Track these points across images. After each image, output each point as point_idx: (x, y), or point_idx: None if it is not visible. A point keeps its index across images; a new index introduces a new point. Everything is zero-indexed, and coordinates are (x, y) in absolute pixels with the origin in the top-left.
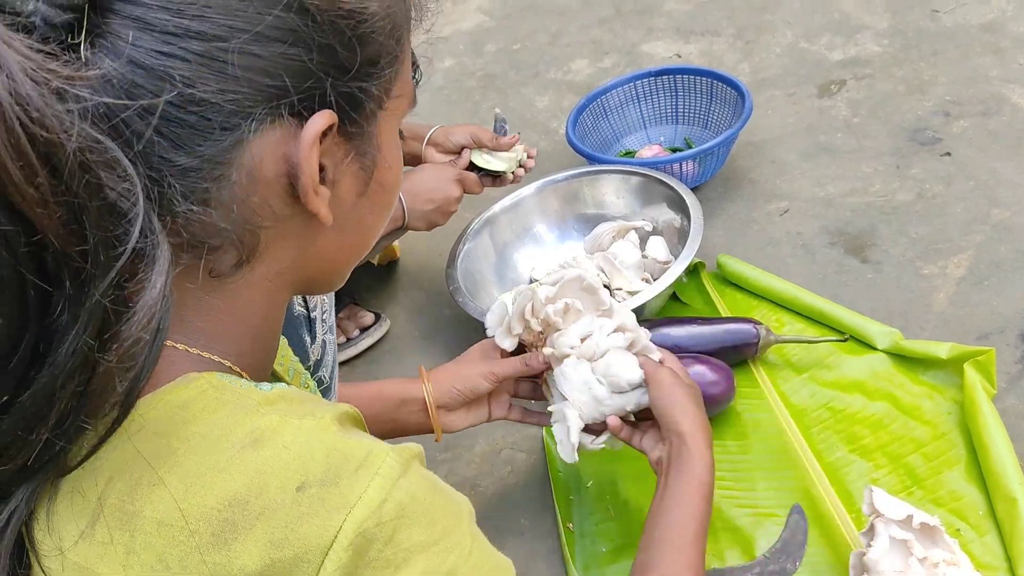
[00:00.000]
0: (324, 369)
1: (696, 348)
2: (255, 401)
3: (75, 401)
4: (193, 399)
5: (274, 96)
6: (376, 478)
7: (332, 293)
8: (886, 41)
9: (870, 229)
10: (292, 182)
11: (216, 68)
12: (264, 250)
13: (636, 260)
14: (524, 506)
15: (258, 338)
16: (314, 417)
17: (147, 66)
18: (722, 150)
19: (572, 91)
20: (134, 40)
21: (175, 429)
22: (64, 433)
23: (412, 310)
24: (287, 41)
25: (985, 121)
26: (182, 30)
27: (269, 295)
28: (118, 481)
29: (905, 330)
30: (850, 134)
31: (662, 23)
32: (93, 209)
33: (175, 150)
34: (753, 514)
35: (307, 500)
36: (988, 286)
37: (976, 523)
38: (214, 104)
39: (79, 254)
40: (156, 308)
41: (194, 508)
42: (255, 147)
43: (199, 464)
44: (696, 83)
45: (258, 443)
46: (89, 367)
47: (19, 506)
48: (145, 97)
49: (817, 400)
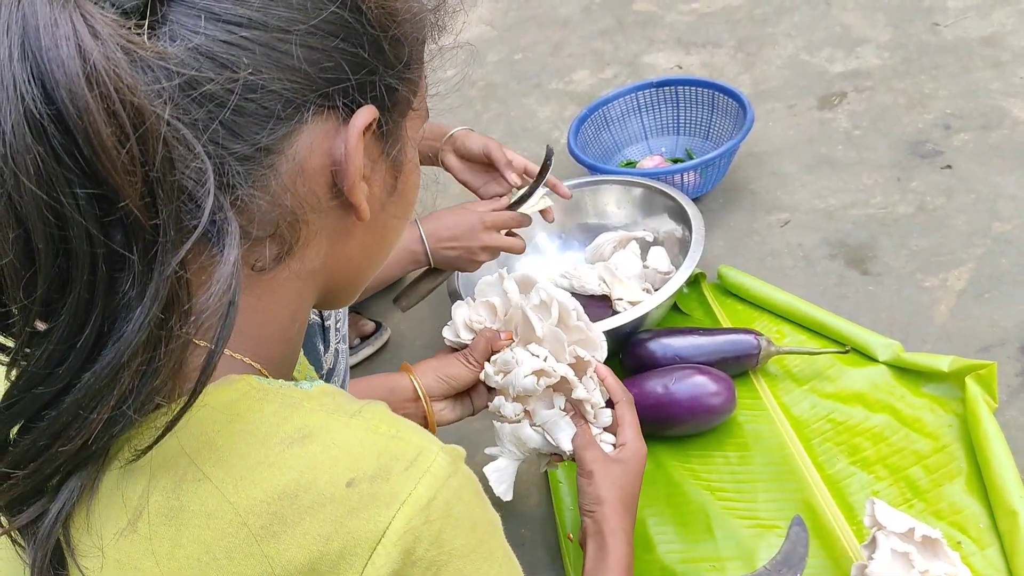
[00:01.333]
0: (336, 378)
1: (697, 358)
2: (298, 398)
3: (137, 380)
4: (236, 400)
5: (327, 88)
6: (426, 476)
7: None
8: (887, 54)
9: (871, 241)
10: (334, 175)
11: (276, 58)
12: (302, 245)
13: (637, 270)
14: (525, 516)
15: (286, 342)
16: (362, 416)
17: (211, 53)
18: (723, 161)
19: (573, 101)
20: (199, 28)
21: (220, 428)
22: (123, 414)
23: (413, 319)
24: (340, 36)
25: (986, 134)
26: (245, 20)
27: (299, 296)
28: (161, 478)
29: (906, 342)
30: (851, 146)
31: (663, 34)
32: (168, 184)
33: (232, 137)
34: (754, 525)
35: (357, 495)
36: (989, 299)
37: (977, 536)
38: (273, 92)
39: (152, 228)
40: (231, 281)
41: (243, 501)
42: (304, 138)
43: (247, 459)
44: (698, 94)
45: (307, 439)
46: (152, 344)
47: (66, 503)
48: (208, 83)
49: (818, 412)
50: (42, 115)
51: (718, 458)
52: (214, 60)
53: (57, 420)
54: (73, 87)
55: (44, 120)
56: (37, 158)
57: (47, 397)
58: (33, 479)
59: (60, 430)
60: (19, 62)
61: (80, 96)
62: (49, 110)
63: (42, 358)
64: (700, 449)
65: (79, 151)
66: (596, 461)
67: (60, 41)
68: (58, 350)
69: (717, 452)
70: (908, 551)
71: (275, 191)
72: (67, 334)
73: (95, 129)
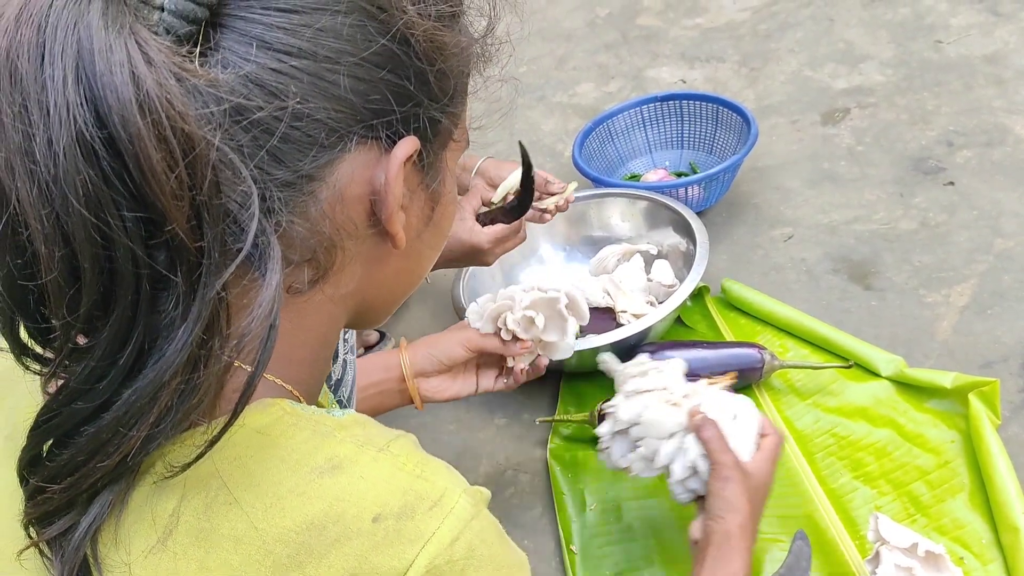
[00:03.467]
0: (344, 388)
1: (701, 372)
2: (330, 427)
3: (176, 398)
4: (270, 425)
5: (371, 119)
6: (450, 517)
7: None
8: (890, 71)
9: (874, 257)
10: (372, 204)
11: (323, 88)
12: (337, 270)
13: (641, 283)
14: (527, 527)
15: (316, 364)
16: (390, 452)
17: (260, 81)
18: (727, 175)
19: (578, 114)
20: (250, 56)
21: (253, 452)
22: (161, 431)
23: (417, 330)
24: (387, 68)
25: (988, 151)
26: (296, 49)
27: (331, 319)
28: (192, 498)
29: (908, 358)
30: (854, 162)
31: (667, 49)
32: (214, 207)
33: (275, 163)
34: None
35: (382, 531)
36: (991, 315)
37: (980, 552)
38: (318, 121)
39: (196, 250)
40: (272, 304)
41: (272, 528)
42: (346, 167)
43: (277, 486)
44: (702, 109)
45: (336, 470)
46: (192, 364)
47: (97, 517)
48: (257, 111)
49: (821, 426)
50: (94, 138)
51: None
52: (263, 88)
53: (97, 436)
54: (126, 113)
55: (95, 143)
56: (87, 180)
57: (86, 412)
58: (68, 493)
59: (99, 446)
60: (73, 86)
61: (132, 122)
62: (101, 134)
63: (83, 373)
64: None
65: (128, 175)
66: (736, 467)
67: (114, 67)
68: (99, 366)
69: None
70: (911, 566)
71: (314, 217)
72: (109, 351)
73: (145, 154)
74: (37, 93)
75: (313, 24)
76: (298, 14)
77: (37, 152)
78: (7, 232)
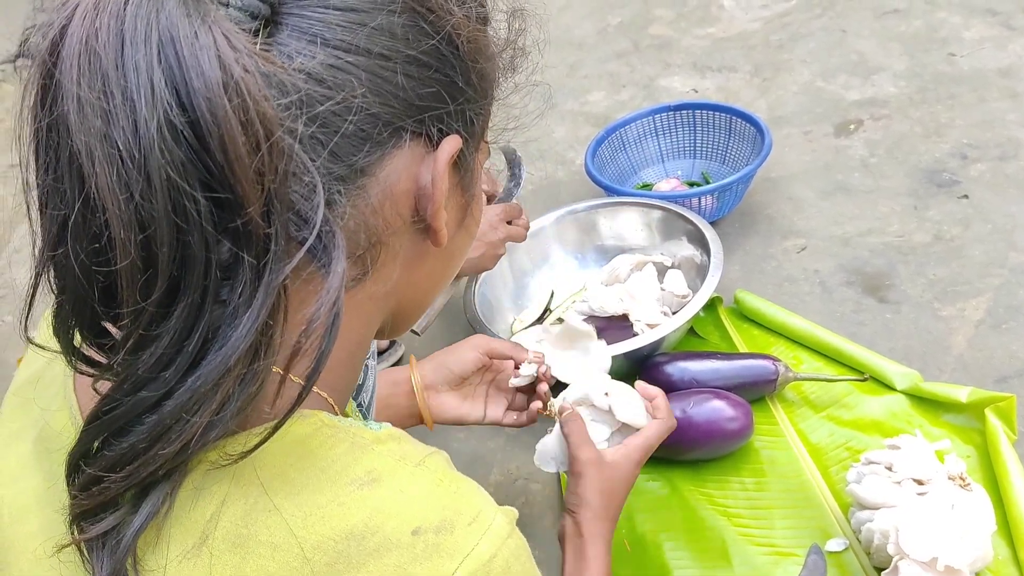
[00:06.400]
0: (365, 393)
1: (715, 383)
2: (368, 440)
3: (238, 385)
4: (310, 435)
5: (420, 115)
6: (488, 534)
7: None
8: (903, 83)
9: (888, 269)
10: (416, 201)
11: (378, 84)
12: (379, 267)
13: (655, 293)
14: (538, 537)
15: (351, 368)
16: (426, 467)
17: (319, 76)
18: (740, 186)
19: (589, 122)
20: (309, 51)
21: (293, 461)
22: (222, 419)
23: (427, 335)
24: (435, 66)
25: (1002, 165)
26: (352, 47)
27: (369, 320)
28: (231, 504)
29: (923, 372)
30: (867, 174)
31: (679, 58)
32: (282, 196)
33: (331, 157)
34: (771, 552)
35: (422, 544)
36: (1007, 329)
37: (996, 568)
38: (373, 116)
39: (264, 238)
40: (339, 291)
41: (311, 536)
42: (395, 163)
43: (318, 495)
44: (715, 119)
45: (376, 482)
46: (252, 352)
47: (149, 516)
48: (318, 105)
49: (836, 439)
50: (178, 122)
51: (735, 483)
52: (322, 82)
53: (160, 423)
54: (212, 95)
55: (180, 127)
56: (170, 163)
57: (150, 401)
58: (127, 482)
59: (162, 432)
60: (157, 70)
61: (219, 104)
62: (184, 117)
63: (149, 361)
64: (716, 474)
65: (212, 158)
66: (589, 463)
67: (200, 51)
68: (167, 354)
69: (734, 477)
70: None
71: (364, 212)
72: (177, 338)
73: (231, 136)
74: (119, 79)
75: (368, 23)
76: (355, 12)
77: (119, 137)
78: (81, 218)
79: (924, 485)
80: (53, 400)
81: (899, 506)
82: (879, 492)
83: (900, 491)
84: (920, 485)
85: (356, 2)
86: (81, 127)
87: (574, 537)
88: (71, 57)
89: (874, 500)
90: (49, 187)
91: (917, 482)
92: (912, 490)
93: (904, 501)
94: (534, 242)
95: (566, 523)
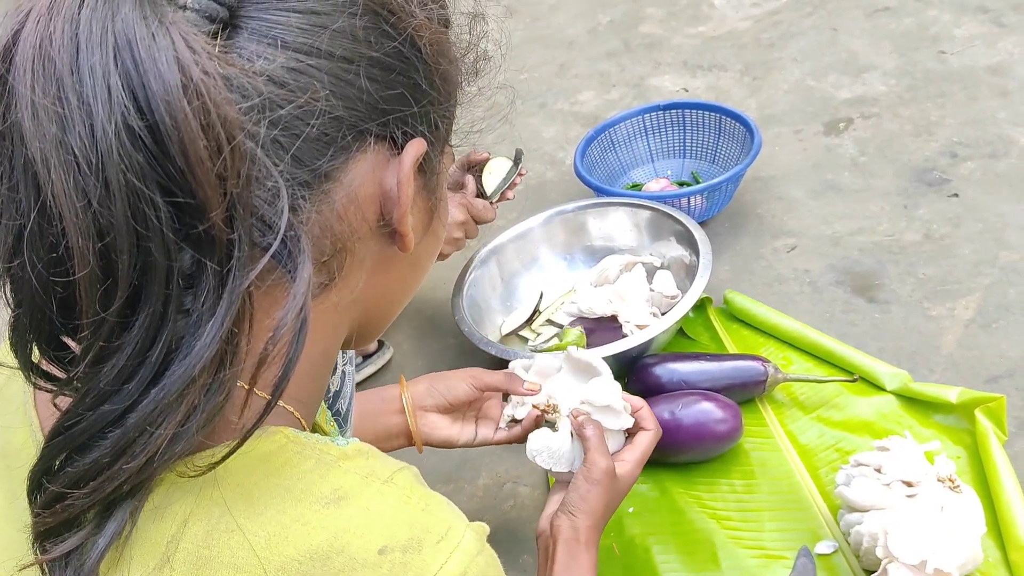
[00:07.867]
0: (342, 400)
1: (704, 384)
2: (334, 456)
3: (203, 395)
4: (274, 452)
5: (384, 118)
6: (457, 552)
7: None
8: (893, 81)
9: (878, 269)
10: (381, 205)
11: (340, 87)
12: (344, 275)
13: (644, 294)
14: (526, 541)
15: (316, 380)
16: (394, 484)
17: (281, 80)
18: (730, 186)
19: (579, 122)
20: (268, 55)
21: (258, 480)
22: (187, 431)
23: (416, 338)
24: (396, 69)
25: (993, 163)
26: (314, 49)
27: (334, 329)
28: (193, 524)
29: (913, 372)
30: (857, 173)
31: (669, 57)
32: (244, 201)
33: (295, 162)
34: (760, 555)
35: (388, 563)
36: (997, 329)
37: (985, 571)
38: (336, 120)
39: (227, 244)
40: (306, 296)
41: (275, 558)
42: (358, 167)
43: (281, 515)
44: (704, 118)
45: (342, 501)
46: (218, 361)
47: (114, 536)
48: (279, 108)
49: (825, 440)
50: (136, 126)
51: (724, 486)
52: (283, 86)
53: (124, 436)
54: (171, 98)
55: (138, 131)
56: (128, 169)
57: (113, 415)
58: (91, 498)
59: (126, 446)
60: (113, 74)
61: (178, 107)
62: (142, 121)
63: (111, 374)
64: (706, 476)
65: (171, 163)
66: (608, 473)
67: (158, 54)
68: (128, 366)
69: (723, 480)
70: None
71: (329, 217)
72: (139, 349)
73: (191, 139)
74: (74, 83)
75: (329, 25)
76: (315, 15)
77: (75, 142)
78: (37, 228)
79: (913, 487)
80: (13, 417)
81: (888, 508)
82: (868, 494)
83: (889, 493)
84: (909, 487)
85: (316, 5)
86: (36, 133)
87: (571, 541)
88: (24, 62)
89: (863, 502)
90: (4, 197)
91: (906, 484)
92: (901, 492)
93: (893, 503)
94: (523, 243)
95: (562, 524)
